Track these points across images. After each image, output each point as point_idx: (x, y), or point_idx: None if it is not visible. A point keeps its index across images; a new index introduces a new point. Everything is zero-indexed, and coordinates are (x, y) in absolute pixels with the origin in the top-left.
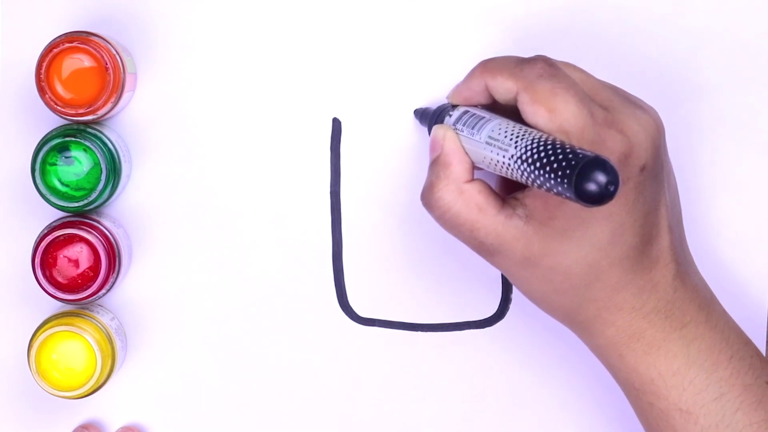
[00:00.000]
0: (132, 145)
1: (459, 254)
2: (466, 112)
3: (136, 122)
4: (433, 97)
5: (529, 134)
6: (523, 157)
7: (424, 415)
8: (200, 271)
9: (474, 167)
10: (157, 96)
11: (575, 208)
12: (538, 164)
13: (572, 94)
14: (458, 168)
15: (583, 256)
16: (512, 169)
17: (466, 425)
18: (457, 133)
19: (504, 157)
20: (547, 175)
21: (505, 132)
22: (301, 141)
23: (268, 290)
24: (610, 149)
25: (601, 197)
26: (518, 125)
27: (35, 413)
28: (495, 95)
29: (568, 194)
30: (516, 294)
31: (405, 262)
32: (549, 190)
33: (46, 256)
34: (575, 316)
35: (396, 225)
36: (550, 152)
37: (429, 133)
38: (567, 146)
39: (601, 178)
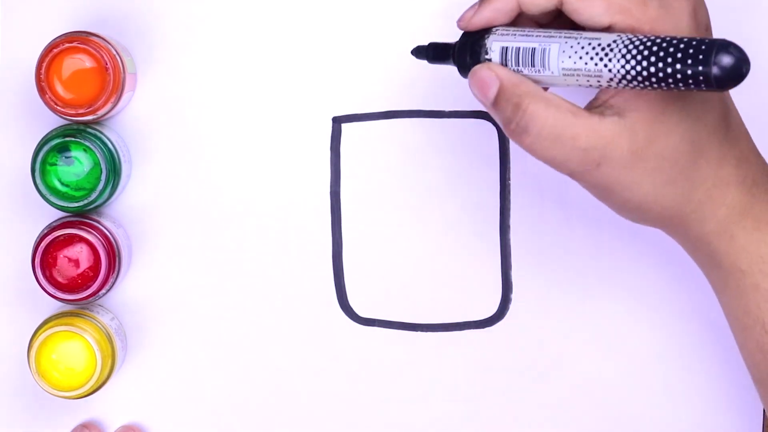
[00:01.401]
0: (132, 145)
1: (459, 254)
2: (506, 48)
3: (136, 122)
4: (434, 96)
5: (613, 43)
6: (629, 65)
7: (424, 415)
8: (200, 271)
9: None
10: (157, 96)
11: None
12: (653, 59)
13: None
14: (530, 84)
15: (685, 131)
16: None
17: (466, 425)
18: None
19: (601, 72)
20: (672, 67)
21: (580, 48)
22: (301, 141)
23: (269, 290)
24: (679, 9)
25: (739, 75)
26: (580, 37)
27: (35, 413)
28: (529, 8)
29: (702, 77)
30: (516, 294)
31: (405, 262)
32: (672, 83)
33: (46, 256)
34: (686, 206)
35: (396, 225)
36: (661, 45)
37: (459, 69)
38: (668, 37)
39: (737, 53)
